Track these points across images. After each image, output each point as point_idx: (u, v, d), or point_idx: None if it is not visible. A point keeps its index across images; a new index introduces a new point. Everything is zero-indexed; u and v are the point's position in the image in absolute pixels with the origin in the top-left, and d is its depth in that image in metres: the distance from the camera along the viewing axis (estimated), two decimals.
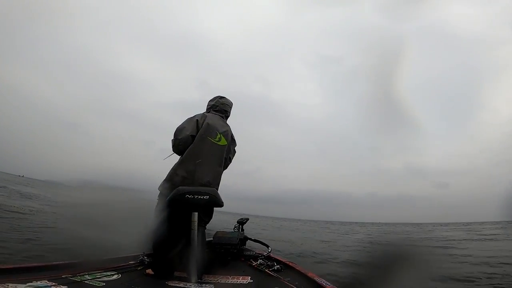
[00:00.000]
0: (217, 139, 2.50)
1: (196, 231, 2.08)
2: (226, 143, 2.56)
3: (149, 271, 2.31)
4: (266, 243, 3.25)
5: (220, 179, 2.55)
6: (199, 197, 2.12)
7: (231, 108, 2.80)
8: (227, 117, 2.77)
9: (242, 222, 3.57)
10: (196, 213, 2.10)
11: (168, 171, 2.48)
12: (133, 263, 2.41)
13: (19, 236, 4.79)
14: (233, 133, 2.75)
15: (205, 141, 2.46)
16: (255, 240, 3.38)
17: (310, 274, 2.18)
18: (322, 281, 1.98)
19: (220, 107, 2.72)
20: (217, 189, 2.49)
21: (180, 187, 2.29)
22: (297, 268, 2.42)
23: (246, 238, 3.34)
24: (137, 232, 2.45)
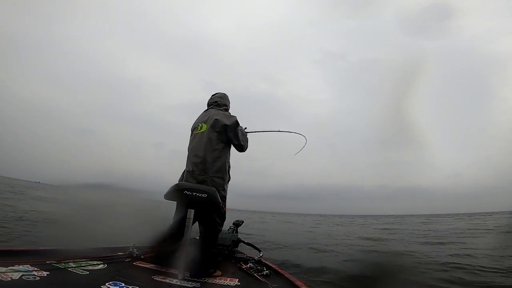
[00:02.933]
0: (199, 129, 2.55)
1: (190, 228, 2.04)
2: (207, 126, 2.52)
3: (138, 263, 2.29)
4: (258, 247, 3.21)
5: (219, 161, 2.47)
6: (197, 194, 2.09)
7: (221, 97, 2.81)
8: (219, 105, 2.74)
9: (237, 224, 3.53)
10: (193, 211, 2.06)
11: (179, 170, 2.60)
12: (121, 255, 2.38)
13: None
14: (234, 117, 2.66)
15: (192, 136, 2.59)
16: (248, 244, 3.34)
17: (298, 283, 2.13)
18: None
19: (210, 103, 2.80)
20: (221, 171, 2.45)
21: (179, 182, 2.26)
22: (285, 275, 2.37)
23: (239, 241, 3.30)
24: (130, 225, 2.45)
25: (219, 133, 2.49)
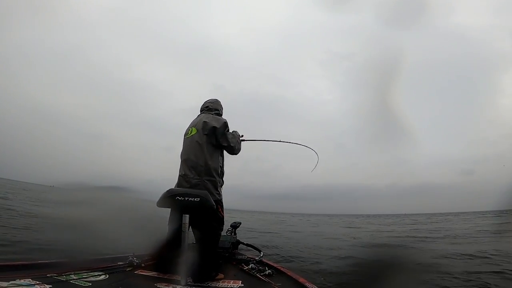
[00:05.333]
0: (189, 133, 2.57)
1: (187, 234, 2.04)
2: (196, 130, 2.53)
3: (139, 271, 2.28)
4: (258, 247, 3.23)
5: (210, 165, 2.44)
6: (190, 199, 2.07)
7: (213, 102, 2.82)
8: (210, 110, 2.74)
9: (235, 226, 3.55)
10: (188, 216, 2.04)
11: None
12: (122, 264, 2.36)
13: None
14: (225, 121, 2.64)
15: (184, 141, 2.61)
16: (247, 245, 3.36)
17: (301, 280, 2.16)
18: (313, 287, 1.96)
19: (202, 108, 2.82)
20: (213, 174, 2.43)
21: (170, 188, 2.25)
22: (288, 274, 2.39)
23: (239, 242, 3.32)
24: (128, 232, 2.42)
25: (208, 136, 2.48)
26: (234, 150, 2.62)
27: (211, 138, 2.49)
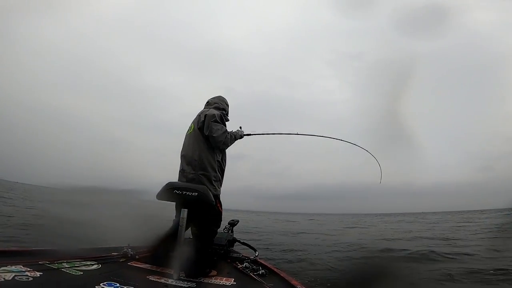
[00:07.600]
0: (189, 130, 2.61)
1: (183, 228, 2.03)
2: (193, 126, 2.57)
3: (132, 263, 2.28)
4: (254, 246, 3.22)
5: (205, 159, 2.43)
6: (187, 193, 2.07)
7: (213, 98, 2.84)
8: (210, 105, 2.75)
9: (233, 223, 3.54)
10: (186, 210, 2.04)
11: None
12: (116, 255, 2.36)
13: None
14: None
15: (185, 138, 2.64)
16: (243, 243, 3.35)
17: (293, 282, 2.14)
18: None
19: (205, 105, 2.84)
20: (207, 169, 2.42)
21: (170, 181, 2.25)
22: (281, 275, 2.37)
23: (235, 240, 3.30)
24: (129, 226, 2.44)
25: (201, 129, 2.49)
26: (217, 142, 2.47)
27: (203, 132, 2.50)
